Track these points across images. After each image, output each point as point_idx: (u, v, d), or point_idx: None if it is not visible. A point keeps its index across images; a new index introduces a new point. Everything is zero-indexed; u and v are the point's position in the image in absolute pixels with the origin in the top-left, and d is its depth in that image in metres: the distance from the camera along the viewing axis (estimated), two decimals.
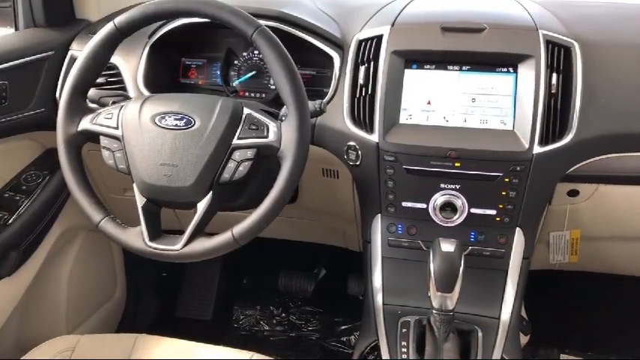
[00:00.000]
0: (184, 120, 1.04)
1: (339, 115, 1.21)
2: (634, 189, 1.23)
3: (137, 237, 1.05)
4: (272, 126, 1.03)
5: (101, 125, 1.08)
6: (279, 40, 1.03)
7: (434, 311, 1.05)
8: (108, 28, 1.08)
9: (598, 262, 1.54)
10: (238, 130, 1.03)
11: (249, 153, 1.02)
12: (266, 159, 1.06)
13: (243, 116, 1.05)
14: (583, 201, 1.28)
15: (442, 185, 1.17)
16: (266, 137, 1.02)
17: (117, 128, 1.07)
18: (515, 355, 1.16)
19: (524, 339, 1.44)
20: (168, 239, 1.05)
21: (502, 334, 1.17)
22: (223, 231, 1.02)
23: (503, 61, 1.16)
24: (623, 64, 1.20)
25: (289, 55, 1.03)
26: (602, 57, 1.19)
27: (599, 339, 1.95)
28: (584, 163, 1.17)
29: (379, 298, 1.23)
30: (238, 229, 1.01)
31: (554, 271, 1.55)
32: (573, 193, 1.27)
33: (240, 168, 1.02)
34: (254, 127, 1.04)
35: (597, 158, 1.17)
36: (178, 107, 1.06)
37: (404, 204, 1.21)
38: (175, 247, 1.03)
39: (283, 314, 2.12)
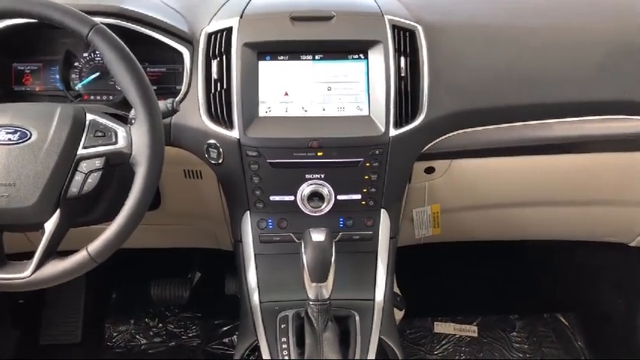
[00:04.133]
0: (18, 133, 0.94)
1: (195, 113, 1.16)
2: (482, 161, 1.32)
3: None
4: (120, 131, 0.96)
5: None
6: (118, 39, 0.96)
7: (310, 302, 1.05)
8: None
9: (459, 232, 1.64)
10: (82, 139, 0.95)
11: (98, 163, 0.95)
12: (119, 166, 0.99)
13: (87, 123, 0.97)
14: (439, 177, 1.34)
15: (307, 176, 1.17)
16: (115, 144, 0.95)
17: None
18: (392, 332, 1.20)
19: (399, 314, 1.50)
20: (14, 266, 0.95)
21: (378, 314, 1.20)
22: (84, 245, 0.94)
23: (353, 48, 1.18)
24: (465, 44, 1.27)
25: (131, 54, 0.96)
26: (444, 39, 1.25)
27: (466, 303, 2.09)
28: (436, 141, 1.22)
29: (255, 298, 1.21)
30: (94, 246, 0.93)
31: (421, 245, 1.62)
32: (430, 170, 1.33)
33: (89, 180, 0.94)
34: (100, 134, 0.96)
35: (448, 135, 1.23)
36: (10, 119, 0.95)
37: (272, 198, 1.19)
38: (23, 274, 0.93)
39: (160, 324, 2.02)
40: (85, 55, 1.29)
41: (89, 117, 0.98)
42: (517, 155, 1.31)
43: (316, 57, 1.18)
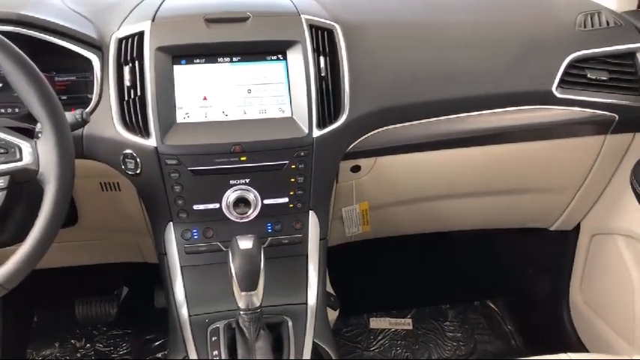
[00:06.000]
0: None
1: (108, 122, 1.11)
2: (405, 157, 1.33)
3: None
4: (25, 146, 0.90)
5: None
6: (16, 48, 0.89)
7: (241, 312, 1.03)
8: None
9: (388, 228, 1.65)
10: None
11: (2, 182, 0.88)
12: (27, 184, 0.93)
13: None
14: (365, 174, 1.35)
15: (232, 182, 1.14)
16: (19, 160, 0.89)
17: None
18: (326, 334, 1.18)
19: (333, 314, 1.50)
20: None
21: (311, 318, 1.18)
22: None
23: (271, 49, 1.16)
24: (383, 42, 1.28)
25: (32, 63, 0.90)
26: (363, 37, 1.25)
27: (400, 297, 2.12)
28: (360, 139, 1.23)
29: (184, 311, 1.17)
30: (2, 271, 0.86)
31: (352, 243, 1.63)
32: (356, 169, 1.33)
33: None
34: (2, 151, 0.89)
35: (371, 133, 1.24)
36: None
37: (195, 207, 1.15)
38: None
39: (87, 345, 1.93)
40: None
41: None
42: (438, 149, 1.33)
43: (234, 59, 1.15)
